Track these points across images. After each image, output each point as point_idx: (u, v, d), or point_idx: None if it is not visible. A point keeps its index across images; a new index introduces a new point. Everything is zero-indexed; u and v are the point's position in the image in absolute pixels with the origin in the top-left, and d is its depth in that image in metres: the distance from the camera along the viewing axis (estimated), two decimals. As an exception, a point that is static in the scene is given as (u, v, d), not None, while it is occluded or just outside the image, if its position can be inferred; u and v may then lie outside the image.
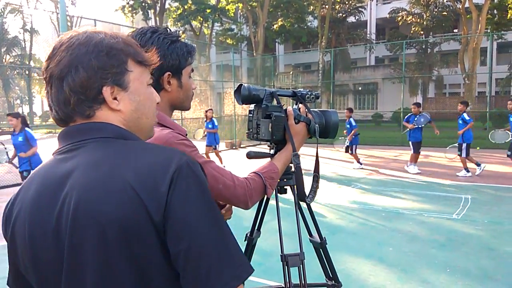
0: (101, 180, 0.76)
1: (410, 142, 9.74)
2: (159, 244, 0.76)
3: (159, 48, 1.26)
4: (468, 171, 9.00)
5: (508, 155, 8.80)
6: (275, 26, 31.49)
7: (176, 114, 16.00)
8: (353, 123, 10.46)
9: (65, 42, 0.83)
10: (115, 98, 0.85)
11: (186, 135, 1.31)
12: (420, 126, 9.44)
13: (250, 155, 1.58)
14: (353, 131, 10.33)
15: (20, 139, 6.61)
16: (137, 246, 0.75)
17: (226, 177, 1.29)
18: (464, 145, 8.98)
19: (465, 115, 9.21)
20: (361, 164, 10.51)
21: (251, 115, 1.59)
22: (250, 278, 3.50)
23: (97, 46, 0.83)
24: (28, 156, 6.61)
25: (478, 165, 9.05)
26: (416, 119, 9.56)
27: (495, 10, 24.55)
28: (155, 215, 0.74)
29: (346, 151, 10.59)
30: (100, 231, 0.74)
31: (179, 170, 0.78)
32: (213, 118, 10.89)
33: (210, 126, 10.77)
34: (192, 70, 1.38)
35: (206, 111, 11.06)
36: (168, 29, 1.34)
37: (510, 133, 8.95)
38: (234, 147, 16.65)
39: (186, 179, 0.78)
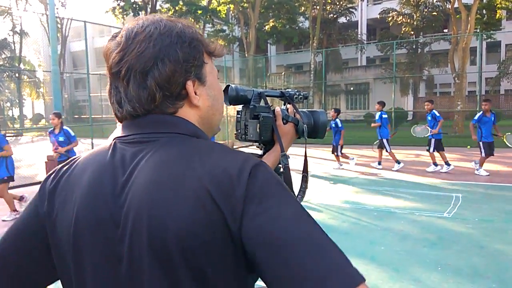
0: (172, 182, 0.68)
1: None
2: (234, 257, 0.66)
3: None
4: (436, 165, 9.66)
5: (427, 150, 9.70)
6: (266, 27, 31.53)
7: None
8: (339, 125, 10.27)
9: (139, 31, 0.75)
10: (195, 93, 0.79)
11: None
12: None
13: None
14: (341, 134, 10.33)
15: (61, 139, 7.05)
16: (207, 261, 0.65)
17: None
18: (433, 140, 9.55)
19: (435, 111, 9.73)
20: (341, 165, 10.64)
21: (239, 116, 1.58)
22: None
23: (180, 36, 0.76)
24: (68, 149, 7.05)
25: (398, 163, 10.00)
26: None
27: (484, 10, 24.82)
28: (232, 223, 0.65)
29: (333, 152, 10.61)
30: (164, 243, 0.65)
31: (253, 171, 0.69)
32: None
33: None
34: None
35: None
36: None
37: (429, 129, 9.68)
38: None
39: (265, 185, 0.68)
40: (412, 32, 29.88)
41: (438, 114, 9.64)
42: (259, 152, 1.64)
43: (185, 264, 0.65)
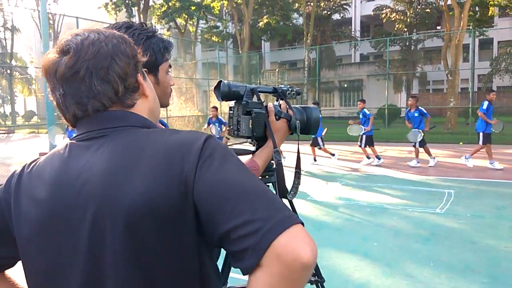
0: (123, 166, 0.75)
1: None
2: (194, 218, 0.73)
3: (134, 44, 1.24)
4: (369, 158, 10.40)
5: (414, 146, 10.01)
6: (260, 24, 31.46)
7: (162, 112, 15.89)
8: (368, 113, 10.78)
9: (85, 38, 0.82)
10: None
11: None
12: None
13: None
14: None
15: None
16: (169, 224, 0.72)
17: None
18: (364, 136, 10.29)
19: (365, 110, 10.57)
20: (315, 160, 10.89)
21: (232, 112, 1.58)
22: (234, 275, 3.50)
23: (122, 38, 0.87)
24: None
25: (378, 158, 10.37)
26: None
27: (476, 7, 24.95)
28: (186, 189, 0.72)
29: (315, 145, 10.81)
30: (125, 217, 0.72)
31: (207, 142, 0.77)
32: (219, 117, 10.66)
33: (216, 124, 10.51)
34: (170, 66, 1.35)
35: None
36: (144, 24, 1.30)
37: (421, 132, 9.69)
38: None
39: (215, 150, 0.77)
40: (406, 29, 29.96)
41: (368, 112, 10.33)
42: (252, 148, 1.64)
43: (145, 235, 0.72)
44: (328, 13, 31.61)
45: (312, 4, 27.01)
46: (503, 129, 9.31)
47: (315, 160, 10.87)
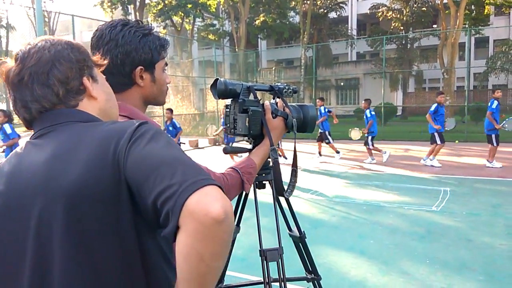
0: (63, 154, 0.82)
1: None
2: (129, 198, 0.78)
3: (130, 41, 1.22)
4: (373, 159, 10.45)
5: (326, 142, 10.59)
6: (257, 22, 31.40)
7: (158, 110, 15.86)
8: (368, 114, 10.53)
9: (32, 47, 0.90)
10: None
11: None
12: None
13: (226, 150, 1.57)
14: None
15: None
16: (104, 206, 0.77)
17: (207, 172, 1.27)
18: (370, 137, 10.33)
19: (367, 111, 10.45)
20: (320, 155, 11.00)
21: (228, 110, 1.58)
22: (231, 273, 3.51)
23: (69, 44, 0.93)
24: (8, 145, 7.62)
25: (338, 152, 10.75)
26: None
27: (472, 6, 25.02)
28: (120, 170, 0.78)
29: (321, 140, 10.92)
30: (62, 202, 0.77)
31: (140, 126, 0.83)
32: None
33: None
34: (166, 64, 1.34)
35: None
36: (140, 22, 1.30)
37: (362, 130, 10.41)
38: (217, 144, 16.60)
39: (146, 131, 0.83)
40: (402, 28, 29.99)
41: (370, 115, 10.32)
42: (249, 146, 1.64)
43: (82, 218, 0.77)
44: (325, 11, 31.59)
45: (308, 2, 27.02)
46: (455, 127, 9.65)
47: (320, 155, 10.87)
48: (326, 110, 10.93)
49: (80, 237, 0.77)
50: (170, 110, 10.30)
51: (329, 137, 10.75)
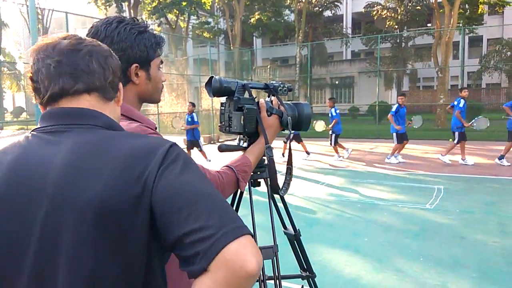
0: (86, 163, 0.78)
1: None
2: (148, 220, 0.76)
3: (126, 38, 1.21)
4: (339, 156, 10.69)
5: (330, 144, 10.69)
6: (252, 20, 31.35)
7: (153, 108, 15.80)
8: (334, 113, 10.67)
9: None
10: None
11: (156, 128, 1.28)
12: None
13: (221, 148, 1.57)
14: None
15: None
16: (114, 224, 0.75)
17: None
18: (333, 135, 10.49)
19: (332, 110, 10.56)
20: (308, 153, 10.91)
21: (223, 108, 1.57)
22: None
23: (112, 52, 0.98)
24: None
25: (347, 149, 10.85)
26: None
27: (466, 5, 25.13)
28: (146, 191, 0.75)
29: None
30: (76, 214, 0.75)
31: (171, 148, 0.82)
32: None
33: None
34: (162, 62, 1.34)
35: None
36: (135, 19, 1.29)
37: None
38: (212, 142, 16.58)
39: (178, 156, 0.81)
40: (396, 26, 30.08)
41: (335, 113, 10.48)
42: (244, 144, 1.63)
43: (102, 232, 0.75)
44: (320, 10, 31.60)
45: (303, 0, 27.00)
46: (421, 125, 10.14)
47: (339, 156, 10.71)
48: (338, 111, 10.74)
49: (90, 251, 0.75)
50: (193, 104, 10.62)
51: (334, 139, 10.58)
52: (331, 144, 10.71)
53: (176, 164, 0.79)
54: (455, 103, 9.37)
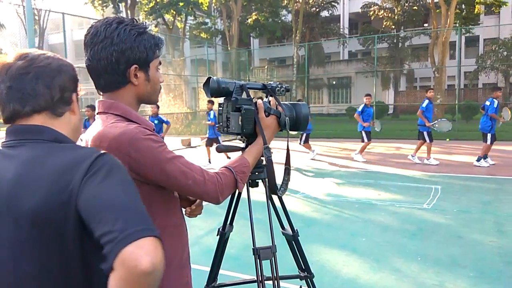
0: (26, 176, 0.92)
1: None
2: (77, 224, 0.89)
3: (126, 40, 1.22)
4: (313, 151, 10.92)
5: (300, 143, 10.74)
6: (249, 20, 31.36)
7: (150, 109, 15.75)
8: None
9: (42, 54, 1.03)
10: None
11: (153, 129, 1.28)
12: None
13: (219, 149, 1.57)
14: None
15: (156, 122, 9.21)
16: (49, 230, 0.89)
17: (196, 172, 1.26)
18: (304, 135, 10.61)
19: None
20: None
21: (221, 108, 1.58)
22: (224, 272, 3.50)
23: (69, 63, 1.08)
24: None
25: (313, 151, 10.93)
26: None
27: (463, 5, 25.21)
28: (73, 200, 0.88)
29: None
30: (14, 220, 0.90)
31: (97, 159, 0.92)
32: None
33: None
34: (160, 63, 1.34)
35: None
36: (135, 20, 1.29)
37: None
38: (220, 144, 16.53)
39: (103, 166, 0.91)
40: (393, 26, 30.16)
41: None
42: (242, 145, 1.64)
43: (39, 236, 0.90)
44: (317, 10, 31.64)
45: (300, 1, 27.02)
46: (381, 130, 10.50)
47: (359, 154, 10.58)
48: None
49: (28, 254, 0.91)
50: (211, 102, 10.49)
51: (366, 137, 10.37)
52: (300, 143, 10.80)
53: (99, 173, 0.89)
54: (487, 103, 9.18)
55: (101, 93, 1.32)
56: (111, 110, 1.27)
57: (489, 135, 9.03)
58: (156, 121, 9.92)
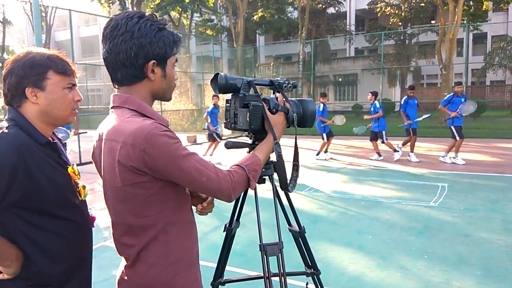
0: None
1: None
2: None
3: (146, 34, 1.23)
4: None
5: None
6: (255, 17, 31.29)
7: (156, 106, 15.81)
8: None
9: (11, 60, 1.39)
10: (35, 95, 1.35)
11: (168, 125, 1.29)
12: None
13: (228, 145, 1.57)
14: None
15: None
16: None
17: (210, 170, 1.26)
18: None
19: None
20: (380, 156, 10.26)
21: (228, 104, 1.57)
22: (231, 268, 3.52)
23: (24, 62, 1.35)
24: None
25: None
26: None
27: (471, 2, 24.98)
28: None
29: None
30: None
31: None
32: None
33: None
34: (176, 60, 1.35)
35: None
36: (155, 16, 1.30)
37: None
38: (229, 140, 16.54)
39: None
40: (400, 23, 29.95)
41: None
42: (249, 141, 1.64)
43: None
44: (323, 6, 31.51)
45: (307, -3, 26.90)
46: (343, 124, 10.75)
47: (379, 155, 10.14)
48: (416, 101, 10.09)
49: None
50: (217, 96, 10.71)
51: (384, 136, 10.07)
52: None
53: None
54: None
55: (117, 87, 1.33)
56: (127, 105, 1.28)
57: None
58: (216, 111, 10.33)
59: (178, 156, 1.20)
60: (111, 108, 1.32)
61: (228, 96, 1.58)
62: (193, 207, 1.51)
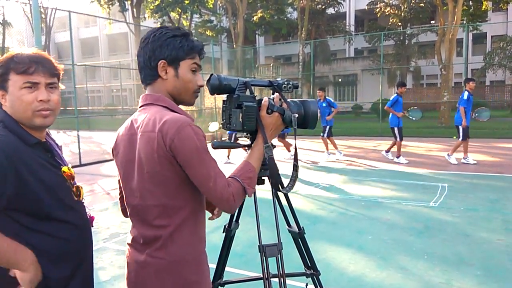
0: None
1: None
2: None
3: (158, 39, 1.40)
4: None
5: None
6: (254, 18, 31.30)
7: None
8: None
9: None
10: (4, 98, 1.37)
11: (193, 121, 1.41)
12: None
13: (214, 145, 1.57)
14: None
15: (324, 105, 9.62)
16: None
17: (220, 179, 1.36)
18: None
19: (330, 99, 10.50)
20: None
21: (225, 105, 1.58)
22: (230, 269, 3.51)
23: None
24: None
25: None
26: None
27: (470, 2, 24.98)
28: None
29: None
30: None
31: None
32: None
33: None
34: (198, 65, 1.47)
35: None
36: (180, 28, 1.47)
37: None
38: (216, 140, 16.56)
39: None
40: (400, 24, 29.97)
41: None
42: (247, 142, 1.63)
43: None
44: (323, 7, 31.52)
45: (306, -2, 26.92)
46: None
47: (387, 151, 10.22)
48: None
49: None
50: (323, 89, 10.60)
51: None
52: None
53: None
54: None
55: (144, 87, 1.50)
56: (159, 102, 1.42)
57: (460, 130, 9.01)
58: (324, 104, 10.11)
59: (200, 149, 1.33)
60: (143, 105, 1.45)
61: (225, 97, 1.58)
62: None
